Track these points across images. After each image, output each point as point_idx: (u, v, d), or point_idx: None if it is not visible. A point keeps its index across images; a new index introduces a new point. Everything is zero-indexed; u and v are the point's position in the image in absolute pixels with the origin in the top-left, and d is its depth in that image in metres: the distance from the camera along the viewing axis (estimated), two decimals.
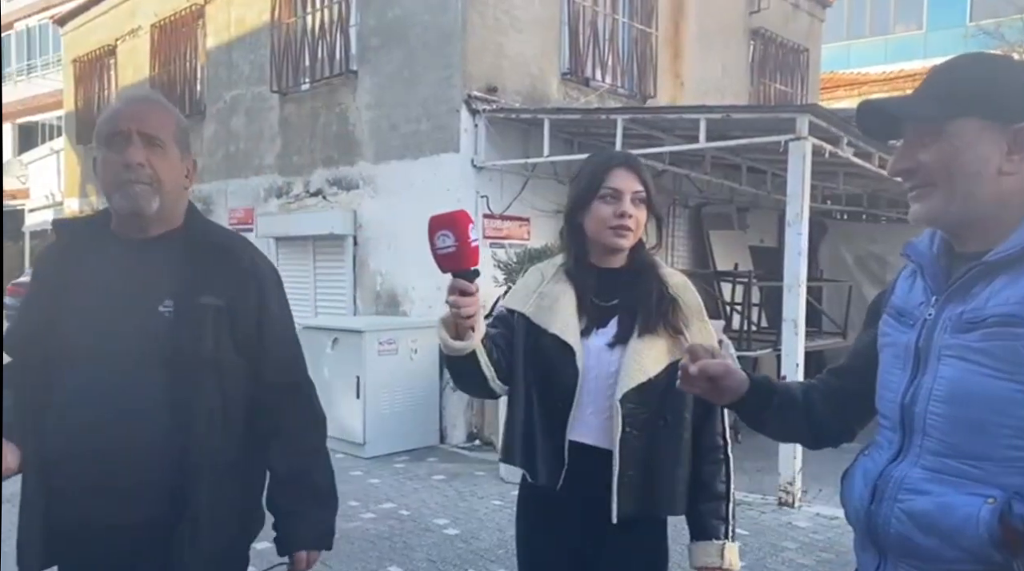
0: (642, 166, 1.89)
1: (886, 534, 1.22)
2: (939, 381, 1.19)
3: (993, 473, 1.12)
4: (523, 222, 7.25)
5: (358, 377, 6.36)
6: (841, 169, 7.31)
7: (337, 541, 4.62)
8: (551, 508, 1.86)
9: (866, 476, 1.29)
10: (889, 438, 1.28)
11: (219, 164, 9.68)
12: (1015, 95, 1.17)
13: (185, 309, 1.62)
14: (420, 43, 7.08)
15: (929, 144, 1.20)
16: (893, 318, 1.34)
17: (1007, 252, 1.14)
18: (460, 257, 1.54)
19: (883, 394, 1.32)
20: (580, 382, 1.77)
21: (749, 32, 10.12)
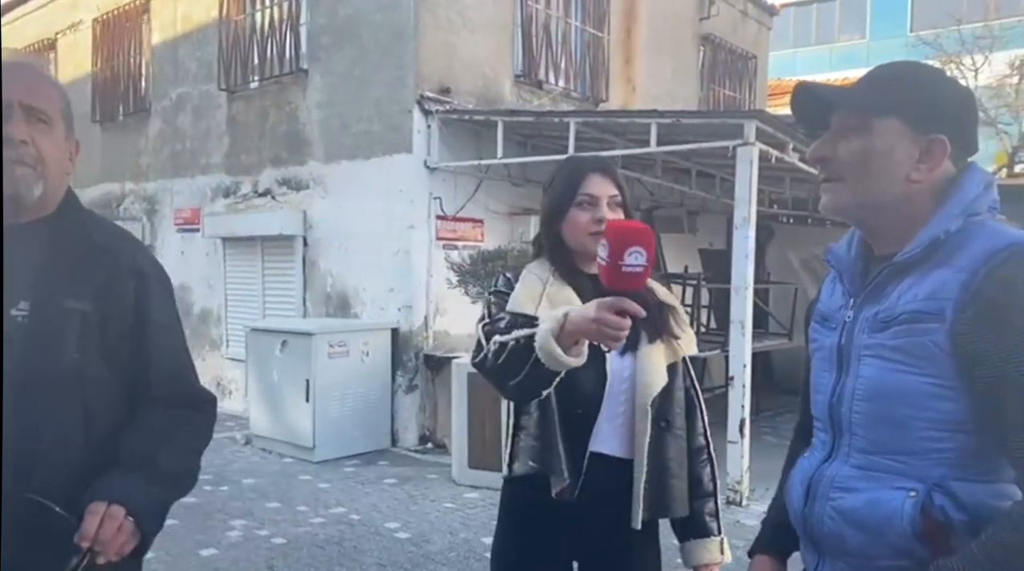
0: (616, 170, 1.88)
1: (821, 533, 1.26)
2: (860, 380, 1.23)
3: (915, 467, 1.17)
4: (477, 223, 7.24)
5: (308, 380, 6.27)
6: (787, 174, 7.47)
7: (285, 546, 4.58)
8: (557, 522, 1.80)
9: (802, 477, 1.33)
10: (822, 439, 1.33)
11: (164, 163, 9.45)
12: (936, 107, 1.21)
13: (43, 313, 1.37)
14: (372, 42, 7.02)
15: (851, 138, 1.24)
16: (818, 323, 1.38)
17: (912, 252, 1.19)
18: (641, 278, 1.41)
19: (815, 397, 1.36)
20: (607, 388, 1.75)
21: (699, 38, 10.28)
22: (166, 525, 1.51)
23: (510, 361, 1.57)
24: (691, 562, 1.89)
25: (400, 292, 6.86)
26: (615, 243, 1.37)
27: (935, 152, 1.20)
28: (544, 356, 1.51)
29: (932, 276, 1.17)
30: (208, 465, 6.09)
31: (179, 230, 9.25)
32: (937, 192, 1.22)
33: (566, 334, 1.49)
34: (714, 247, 9.94)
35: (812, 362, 1.39)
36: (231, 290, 8.60)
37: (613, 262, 1.38)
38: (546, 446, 1.78)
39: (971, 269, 1.13)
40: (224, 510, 5.05)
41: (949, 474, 1.15)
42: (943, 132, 1.20)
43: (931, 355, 1.15)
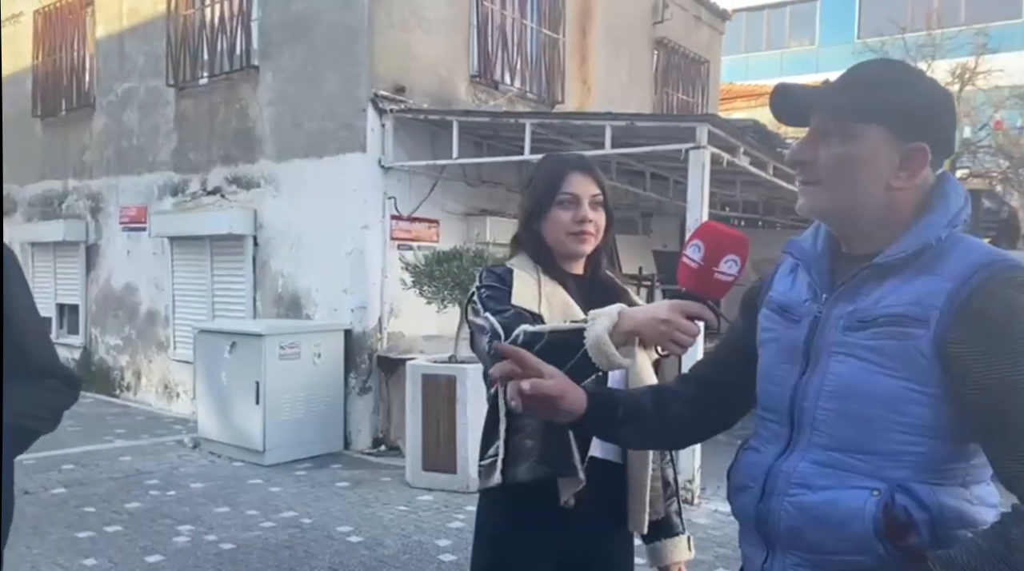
0: (596, 168, 1.85)
1: (776, 528, 1.24)
2: (829, 377, 1.22)
3: (879, 467, 1.16)
4: (432, 224, 7.20)
5: (258, 382, 6.16)
6: (739, 177, 7.58)
7: (234, 552, 4.50)
8: (548, 529, 1.74)
9: (752, 471, 1.30)
10: (776, 432, 1.30)
11: (110, 160, 9.20)
12: (919, 114, 1.20)
13: None
14: (325, 40, 6.93)
15: (832, 142, 1.22)
16: (775, 313, 1.34)
17: (897, 256, 1.18)
18: (730, 288, 1.38)
19: (768, 388, 1.33)
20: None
21: (653, 42, 10.39)
22: (108, 531, 1.44)
23: (547, 354, 1.48)
24: (660, 562, 1.88)
25: (354, 293, 6.78)
26: (714, 247, 1.34)
27: (916, 160, 1.20)
28: (595, 352, 1.45)
29: (917, 281, 1.17)
30: (155, 469, 6.00)
31: (125, 229, 9.02)
32: (916, 198, 1.22)
33: (619, 332, 1.44)
34: (668, 249, 10.05)
35: (763, 350, 1.36)
36: (179, 290, 8.41)
37: (707, 266, 1.34)
38: (559, 447, 1.68)
39: (959, 279, 1.13)
40: (171, 515, 4.93)
41: (912, 476, 1.15)
42: (925, 139, 1.19)
43: (911, 359, 1.14)
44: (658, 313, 1.40)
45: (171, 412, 8.39)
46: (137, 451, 6.63)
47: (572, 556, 1.79)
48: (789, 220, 10.34)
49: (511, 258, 1.87)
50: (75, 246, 9.59)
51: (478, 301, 1.74)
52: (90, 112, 9.42)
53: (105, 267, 9.34)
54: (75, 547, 4.33)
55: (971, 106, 17.34)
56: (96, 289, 9.46)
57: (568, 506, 1.70)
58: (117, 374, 9.12)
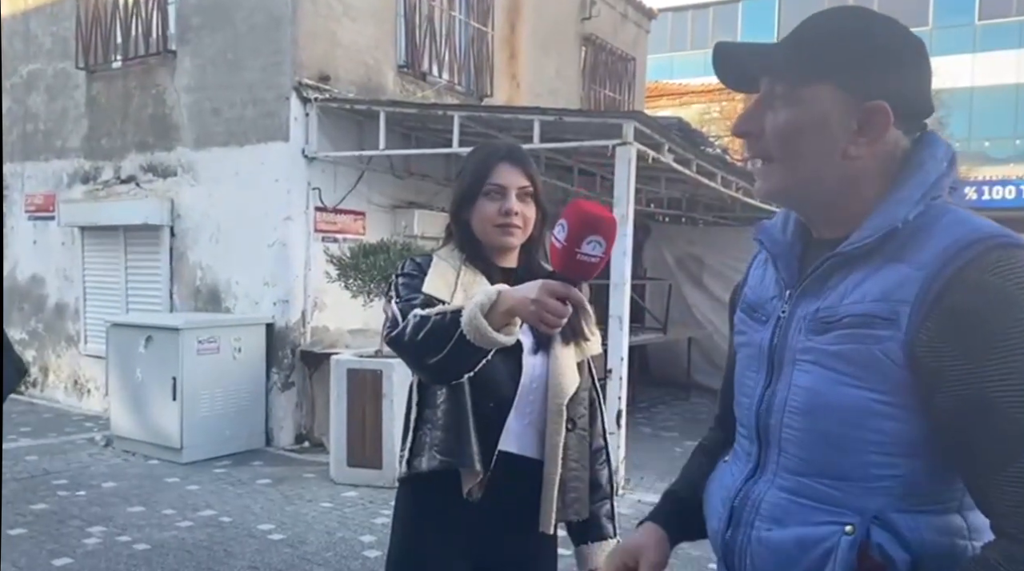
0: (527, 159, 1.79)
1: (742, 564, 1.09)
2: (794, 390, 1.05)
3: (852, 494, 0.99)
4: (358, 216, 7.09)
5: (174, 378, 5.95)
6: (663, 174, 7.72)
7: (149, 552, 4.33)
8: (461, 523, 1.72)
9: (723, 494, 1.15)
10: (747, 449, 1.14)
11: (14, 144, 8.71)
12: (877, 67, 1.01)
13: None
14: (246, 25, 6.72)
15: (778, 108, 1.05)
16: (746, 313, 1.19)
17: (863, 242, 1.00)
18: (597, 269, 1.32)
19: (740, 399, 1.17)
20: (522, 382, 1.68)
21: (581, 38, 10.47)
22: (12, 534, 1.38)
23: (432, 336, 1.49)
24: (585, 565, 1.83)
25: (276, 286, 6.62)
26: (576, 227, 1.27)
27: (876, 122, 1.00)
28: (471, 331, 1.43)
29: (885, 272, 0.98)
30: (64, 468, 5.74)
31: (31, 217, 8.57)
32: (885, 168, 1.03)
33: (499, 312, 1.42)
34: None
35: (737, 356, 1.21)
36: (90, 282, 8.05)
37: (570, 246, 1.28)
38: (458, 438, 1.67)
39: (933, 267, 0.94)
40: (81, 516, 4.71)
41: (890, 504, 0.97)
42: (884, 97, 0.99)
43: (879, 366, 0.96)
44: (529, 293, 1.36)
45: (81, 409, 8.03)
46: (44, 450, 6.32)
47: (489, 554, 1.76)
48: (712, 216, 10.60)
49: (440, 248, 1.85)
50: None
51: (392, 289, 1.73)
52: None
53: (9, 257, 8.85)
54: None
55: None
56: None
57: (472, 499, 1.67)
58: None
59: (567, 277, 1.32)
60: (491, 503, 1.68)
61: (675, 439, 7.24)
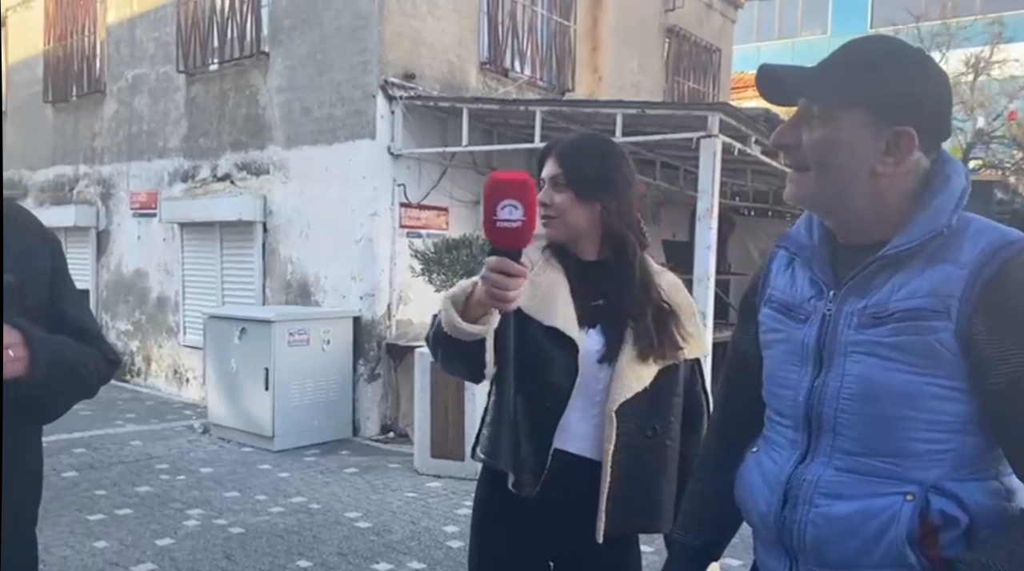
0: (568, 149, 1.74)
1: (801, 540, 1.17)
2: (848, 378, 1.15)
3: (909, 468, 1.10)
4: (441, 212, 7.19)
5: (267, 368, 6.18)
6: (750, 166, 7.55)
7: (243, 536, 4.53)
8: (525, 518, 1.71)
9: (769, 478, 1.23)
10: (791, 437, 1.23)
11: (120, 145, 9.22)
12: (906, 98, 1.12)
13: None
14: (335, 26, 6.91)
15: (815, 126, 1.16)
16: (778, 312, 1.28)
17: (904, 246, 1.12)
18: (524, 234, 1.30)
19: (777, 392, 1.26)
20: (578, 382, 1.65)
21: (664, 30, 10.32)
22: (119, 514, 1.48)
23: (432, 335, 1.57)
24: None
25: (363, 280, 6.79)
26: (489, 196, 1.27)
27: (903, 145, 1.12)
28: (445, 323, 1.47)
29: (930, 271, 1.10)
30: (165, 453, 6.04)
31: (135, 214, 9.05)
32: (908, 183, 1.15)
33: (473, 303, 1.45)
34: (677, 238, 10.01)
35: (768, 352, 1.29)
36: (189, 276, 8.44)
37: (488, 217, 1.28)
38: (495, 437, 1.71)
39: (975, 265, 1.07)
40: (181, 499, 4.96)
41: (945, 475, 1.09)
42: (911, 123, 1.12)
43: (934, 354, 1.08)
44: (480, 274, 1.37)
45: (181, 397, 8.44)
46: (147, 436, 6.68)
47: (560, 554, 1.74)
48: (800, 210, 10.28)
49: None
50: (86, 232, 9.63)
51: None
52: (101, 98, 9.43)
53: (116, 253, 9.37)
54: (86, 529, 4.37)
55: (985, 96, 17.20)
56: (107, 275, 9.50)
57: (522, 493, 1.67)
58: (127, 359, 9.16)
59: (499, 249, 1.31)
60: (552, 501, 1.67)
61: None
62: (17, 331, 1.34)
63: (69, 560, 3.93)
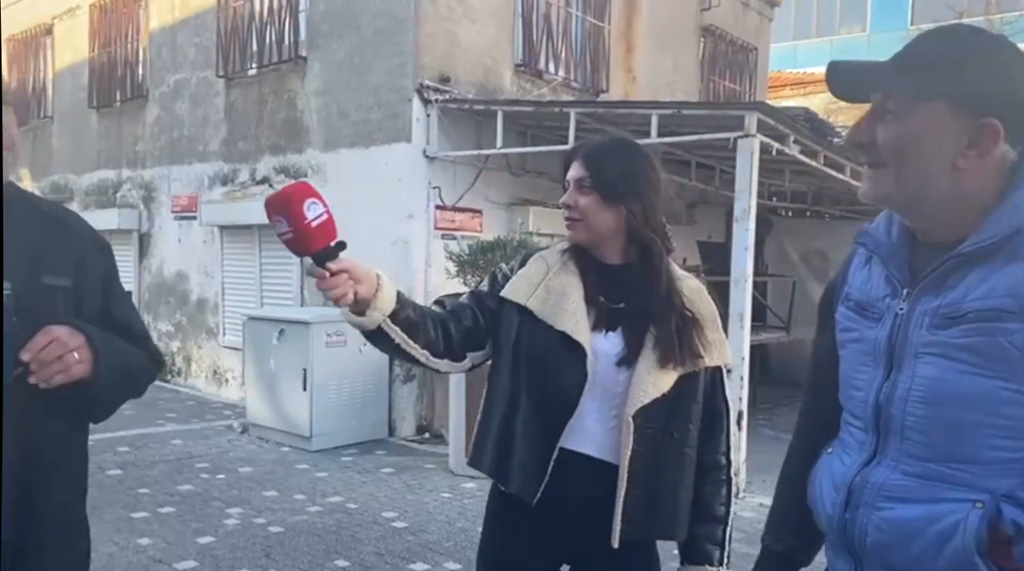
0: (593, 152, 1.72)
1: (863, 543, 1.15)
2: (918, 381, 1.11)
3: (979, 476, 1.05)
4: (475, 214, 7.22)
5: (305, 369, 6.26)
6: (787, 166, 7.45)
7: (282, 535, 4.58)
8: (536, 521, 1.70)
9: (836, 480, 1.21)
10: (860, 439, 1.20)
11: (162, 149, 9.41)
12: (989, 87, 1.07)
13: (27, 292, 1.38)
14: (371, 30, 6.97)
15: (891, 121, 1.11)
16: (853, 311, 1.25)
17: (982, 243, 1.07)
18: (302, 240, 1.39)
19: (850, 393, 1.23)
20: (587, 387, 1.63)
21: (700, 29, 10.23)
22: (162, 512, 1.52)
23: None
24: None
25: (398, 282, 6.76)
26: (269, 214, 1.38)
27: (986, 138, 1.07)
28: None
29: (1009, 270, 1.05)
30: (205, 452, 6.14)
31: (176, 217, 9.22)
32: (992, 178, 1.09)
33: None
34: (713, 239, 9.93)
35: (843, 352, 1.26)
36: (228, 278, 8.58)
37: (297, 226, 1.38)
38: (503, 441, 1.69)
39: None
40: (221, 498, 5.04)
41: (1020, 485, 1.03)
42: (996, 114, 1.06)
43: (1008, 357, 1.02)
44: None
45: (220, 397, 8.58)
46: (188, 435, 6.80)
47: (574, 554, 1.73)
48: (838, 210, 10.13)
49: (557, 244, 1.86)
50: (128, 234, 9.84)
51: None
52: (143, 103, 9.63)
53: (157, 255, 9.56)
54: (131, 527, 4.46)
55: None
56: (149, 277, 9.70)
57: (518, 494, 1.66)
58: (168, 360, 9.35)
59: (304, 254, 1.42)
60: (563, 502, 1.65)
61: None
62: (81, 334, 1.37)
63: (115, 557, 4.02)
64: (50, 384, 1.33)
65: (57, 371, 1.33)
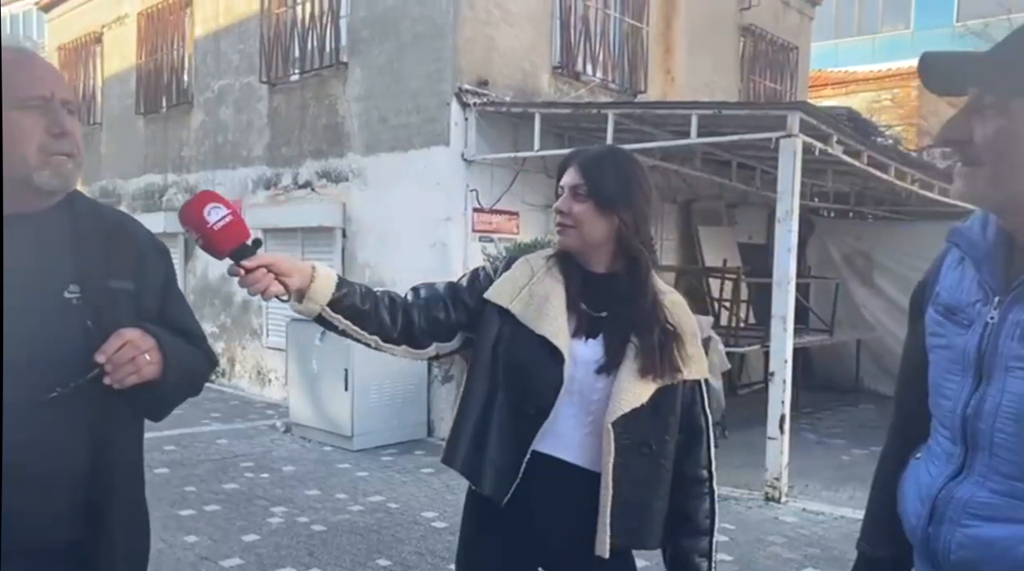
0: (591, 161, 1.74)
1: (946, 558, 1.11)
2: (1008, 396, 1.04)
3: None
4: (512, 216, 7.24)
5: (346, 370, 6.34)
6: (830, 166, 7.34)
7: (325, 534, 4.63)
8: (510, 524, 1.71)
9: (921, 491, 1.17)
10: (948, 450, 1.15)
11: (206, 154, 9.60)
12: None
13: (93, 294, 1.41)
14: (411, 35, 7.04)
15: (988, 117, 1.05)
16: (942, 315, 1.18)
17: None
18: (212, 243, 1.44)
19: (939, 401, 1.18)
20: (563, 392, 1.64)
21: (740, 29, 10.14)
22: (208, 510, 1.55)
23: None
24: None
25: None
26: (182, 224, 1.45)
27: None
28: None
29: None
30: (249, 452, 6.24)
31: None
32: None
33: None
34: (753, 241, 9.83)
35: (932, 357, 1.20)
36: None
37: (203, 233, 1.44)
38: (477, 440, 1.71)
39: None
40: (265, 496, 5.13)
41: None
42: None
43: None
44: None
45: (263, 397, 8.72)
46: (232, 434, 6.93)
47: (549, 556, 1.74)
48: (882, 211, 9.95)
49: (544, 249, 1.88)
50: (174, 237, 10.01)
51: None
52: (188, 109, 9.84)
53: (202, 258, 9.75)
54: (178, 524, 4.57)
55: None
56: (194, 279, 9.90)
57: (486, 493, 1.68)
58: None
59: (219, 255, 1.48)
60: (535, 504, 1.67)
61: (842, 447, 6.87)
62: (151, 337, 1.41)
63: (163, 554, 4.11)
64: (123, 385, 1.36)
65: (130, 373, 1.36)
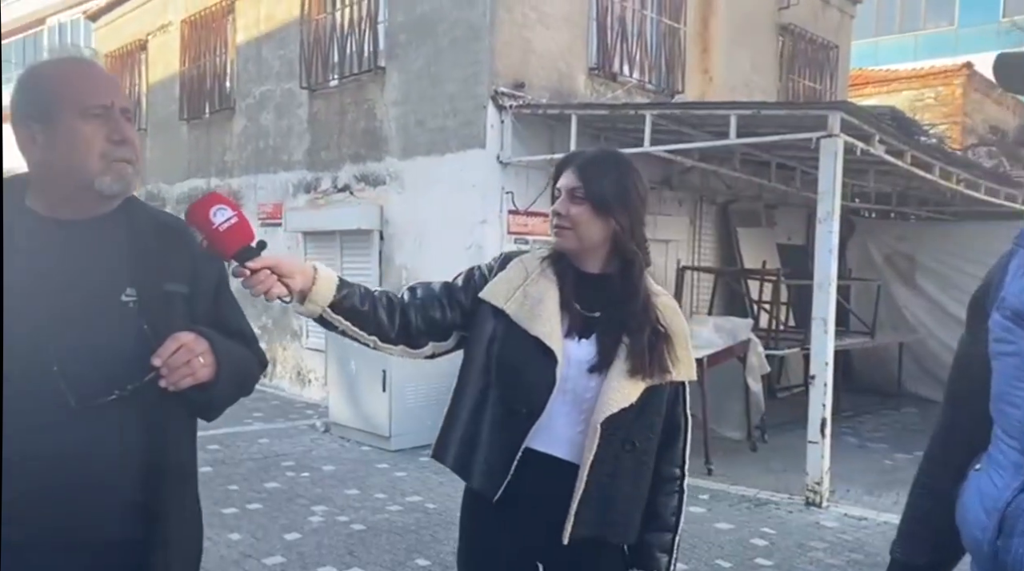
0: (588, 163, 1.76)
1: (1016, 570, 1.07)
2: None
3: None
4: (547, 218, 7.21)
5: (384, 371, 6.40)
6: (872, 167, 7.22)
7: (364, 533, 4.68)
8: (505, 519, 1.74)
9: (987, 503, 1.14)
10: (1015, 460, 1.12)
11: (248, 159, 9.77)
12: None
13: (149, 298, 1.45)
14: (448, 39, 7.10)
15: None
16: (1010, 321, 1.15)
17: None
18: (217, 244, 1.46)
19: (1005, 409, 1.15)
20: (556, 392, 1.67)
21: (778, 28, 10.03)
22: (250, 508, 1.58)
23: None
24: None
25: None
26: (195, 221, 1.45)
27: None
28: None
29: None
30: (290, 451, 6.33)
31: (263, 224, 9.54)
32: None
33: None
34: (792, 242, 9.71)
35: (997, 363, 1.17)
36: None
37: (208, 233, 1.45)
38: (469, 437, 1.76)
39: None
40: (306, 495, 5.21)
41: None
42: None
43: None
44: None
45: (303, 397, 8.84)
46: (274, 434, 7.04)
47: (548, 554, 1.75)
48: (925, 211, 9.75)
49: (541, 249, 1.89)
50: None
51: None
52: (231, 114, 10.03)
53: None
54: (222, 522, 4.66)
55: None
56: (235, 281, 10.04)
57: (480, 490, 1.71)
58: None
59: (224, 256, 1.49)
60: (529, 501, 1.70)
61: (884, 451, 6.75)
62: (205, 339, 1.44)
63: (208, 551, 4.13)
64: (178, 387, 1.40)
65: (185, 375, 1.39)
